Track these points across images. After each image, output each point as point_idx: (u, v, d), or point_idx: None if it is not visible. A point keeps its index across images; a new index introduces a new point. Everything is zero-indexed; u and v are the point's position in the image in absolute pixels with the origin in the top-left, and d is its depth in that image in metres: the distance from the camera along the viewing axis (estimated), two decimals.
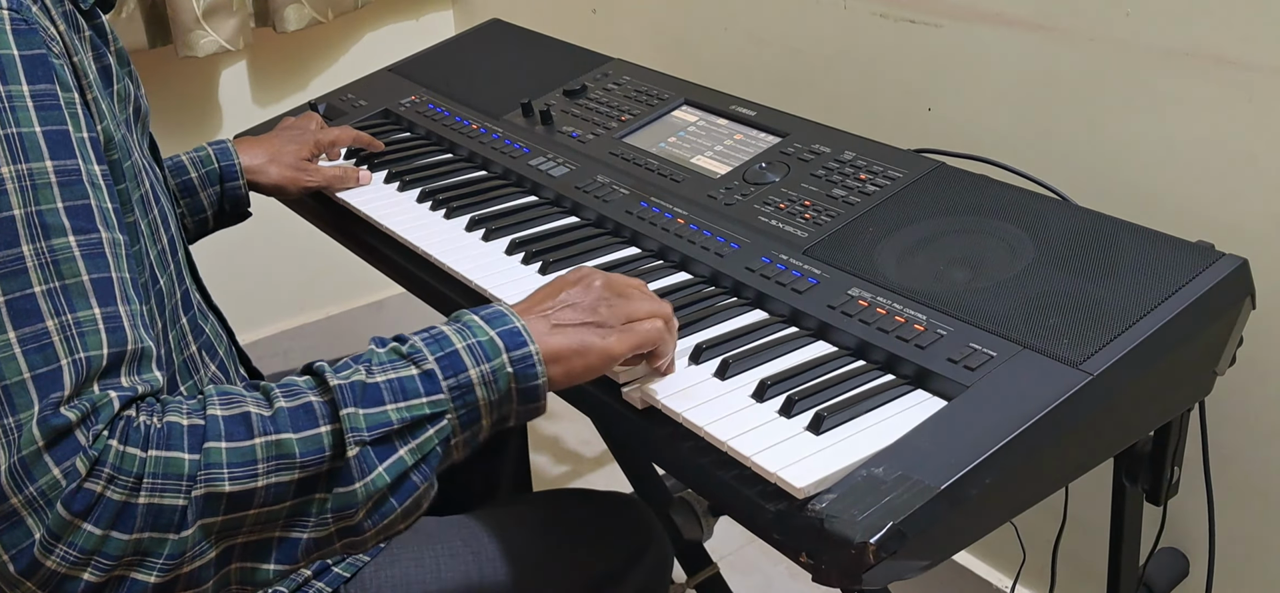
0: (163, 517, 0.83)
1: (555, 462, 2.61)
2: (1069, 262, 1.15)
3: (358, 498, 0.89)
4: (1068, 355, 1.03)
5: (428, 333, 0.97)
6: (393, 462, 0.90)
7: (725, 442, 1.01)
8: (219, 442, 0.85)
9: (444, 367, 0.93)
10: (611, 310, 1.04)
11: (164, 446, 0.84)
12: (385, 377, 0.92)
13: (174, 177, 1.47)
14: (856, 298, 1.18)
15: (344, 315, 2.82)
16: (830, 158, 1.42)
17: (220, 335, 1.24)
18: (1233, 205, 1.42)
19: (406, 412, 0.91)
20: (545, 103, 1.73)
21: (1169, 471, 1.30)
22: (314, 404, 0.90)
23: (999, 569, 1.89)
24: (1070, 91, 1.57)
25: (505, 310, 1.00)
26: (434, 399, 0.92)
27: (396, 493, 0.91)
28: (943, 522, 0.92)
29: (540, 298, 1.05)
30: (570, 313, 1.02)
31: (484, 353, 0.95)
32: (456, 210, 1.50)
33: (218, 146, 1.53)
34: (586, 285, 1.05)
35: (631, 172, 1.52)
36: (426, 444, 0.92)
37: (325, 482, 0.89)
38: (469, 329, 0.97)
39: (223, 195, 1.52)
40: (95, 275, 0.87)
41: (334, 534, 0.90)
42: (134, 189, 1.04)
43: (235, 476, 0.85)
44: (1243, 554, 1.53)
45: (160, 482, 0.83)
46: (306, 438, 0.88)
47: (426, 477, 0.93)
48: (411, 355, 0.94)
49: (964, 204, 1.28)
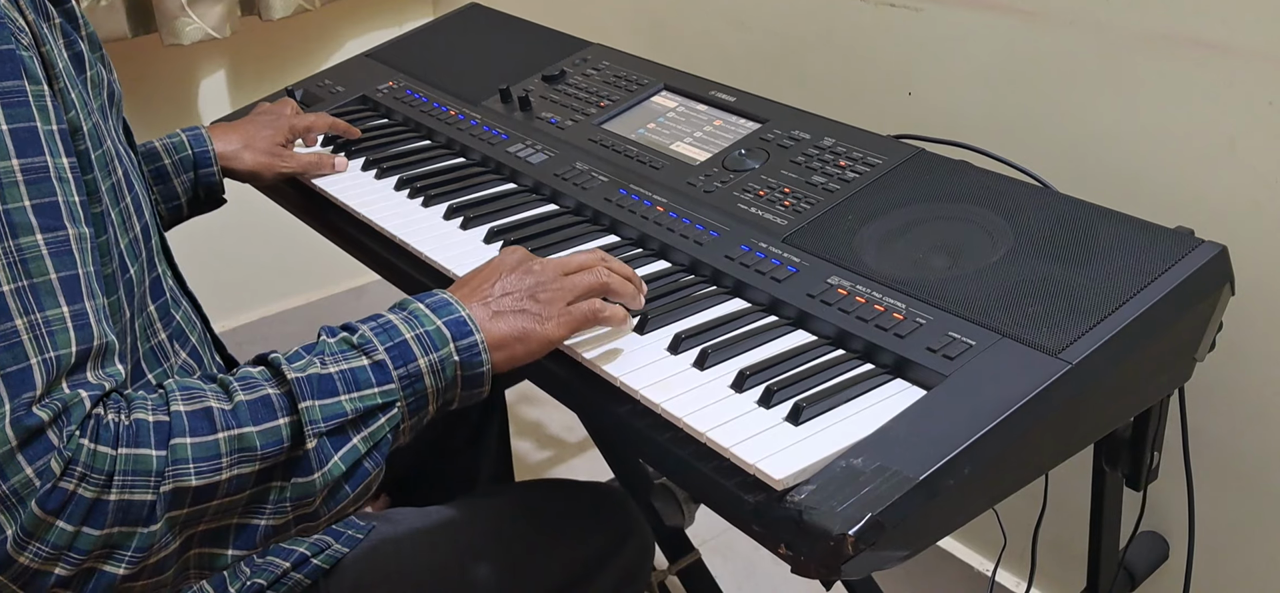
0: (132, 512, 0.85)
1: (538, 448, 2.61)
2: (1048, 249, 1.15)
3: (315, 487, 0.92)
4: (1047, 344, 1.03)
5: (376, 322, 0.99)
6: (347, 450, 0.93)
7: (704, 433, 1.00)
8: (184, 437, 0.87)
9: (394, 357, 0.97)
10: (549, 295, 1.07)
11: (133, 443, 0.85)
12: (338, 368, 0.95)
13: (147, 164, 1.46)
14: (836, 286, 1.17)
15: (326, 301, 2.81)
16: (810, 144, 1.41)
17: (192, 323, 1.23)
18: (1212, 190, 1.41)
19: (360, 402, 0.94)
20: (524, 88, 1.72)
21: (1149, 455, 1.31)
22: (272, 397, 0.92)
23: (980, 554, 1.90)
24: (1050, 76, 1.56)
25: (450, 299, 1.03)
26: (386, 389, 0.96)
27: (350, 480, 0.94)
28: (922, 512, 0.91)
29: (479, 282, 1.08)
30: (510, 300, 1.06)
31: (432, 343, 0.98)
32: (434, 198, 1.48)
33: (191, 132, 1.51)
34: (524, 271, 1.09)
35: (610, 158, 1.51)
36: (378, 432, 0.95)
37: (283, 471, 0.92)
38: (416, 318, 1.00)
39: (196, 182, 1.51)
40: (63, 273, 0.87)
41: (291, 520, 0.94)
42: (105, 178, 1.03)
43: (201, 470, 0.87)
44: (1223, 537, 1.53)
45: (130, 478, 0.84)
46: (266, 430, 0.90)
47: (378, 463, 0.96)
48: (362, 346, 0.97)
49: (943, 191, 1.27)
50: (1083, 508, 1.46)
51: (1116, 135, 1.50)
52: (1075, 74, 1.53)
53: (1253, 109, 1.36)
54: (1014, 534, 1.67)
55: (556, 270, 1.10)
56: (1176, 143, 1.44)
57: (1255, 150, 1.37)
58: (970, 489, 0.95)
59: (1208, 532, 1.51)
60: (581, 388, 1.12)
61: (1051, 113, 1.57)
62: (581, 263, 1.12)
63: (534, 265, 1.10)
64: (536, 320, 1.06)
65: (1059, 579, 1.74)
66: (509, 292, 1.07)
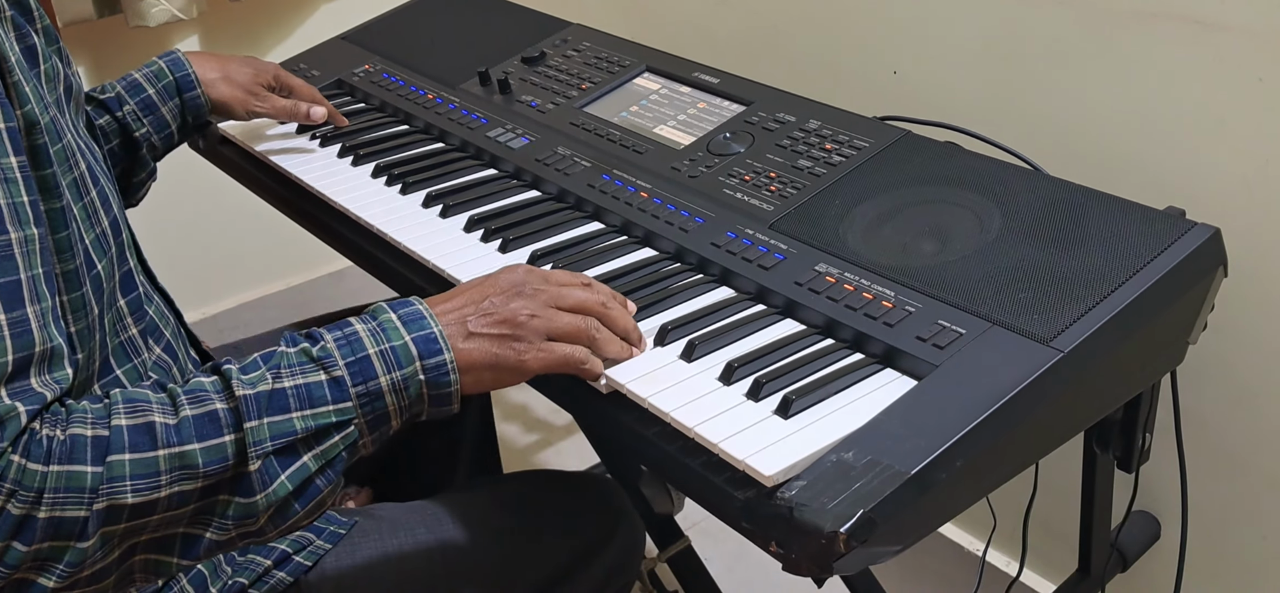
0: (63, 528, 0.83)
1: (525, 431, 2.59)
2: (1038, 233, 1.13)
3: (258, 508, 0.89)
4: (1038, 332, 1.01)
5: (341, 332, 0.96)
6: (296, 469, 0.90)
7: (692, 428, 0.98)
8: (123, 454, 0.85)
9: (354, 373, 0.93)
10: (533, 325, 1.02)
11: (66, 460, 0.83)
12: (293, 382, 0.91)
13: (132, 96, 1.44)
14: (824, 274, 1.15)
15: (306, 285, 2.79)
16: (795, 127, 1.39)
17: (166, 317, 1.21)
18: (1202, 169, 1.40)
19: (312, 420, 0.91)
20: (503, 71, 1.69)
21: (1140, 438, 1.30)
22: (219, 412, 0.89)
23: (970, 535, 1.89)
24: (1037, 54, 1.55)
25: (424, 311, 0.98)
26: (341, 407, 0.92)
27: (300, 498, 0.91)
28: (914, 506, 0.90)
29: (464, 298, 1.03)
30: (488, 322, 1.00)
31: (396, 359, 0.94)
32: (413, 185, 1.46)
33: (169, 58, 1.49)
34: (513, 293, 1.03)
35: (593, 143, 1.49)
36: (331, 450, 0.92)
37: (227, 488, 0.89)
38: (384, 331, 0.96)
39: (184, 107, 1.49)
40: (2, 280, 0.85)
41: (234, 538, 0.91)
42: (65, 173, 1.00)
43: (138, 487, 0.85)
44: (1215, 517, 1.52)
45: (62, 496, 0.82)
46: (210, 448, 0.87)
47: (330, 480, 0.93)
48: (322, 360, 0.93)
49: (931, 174, 1.26)
50: (1074, 489, 1.45)
51: (1105, 114, 1.49)
52: (1063, 52, 1.52)
53: (1242, 86, 1.34)
54: (1005, 516, 1.66)
55: (549, 301, 1.04)
56: (1166, 121, 1.42)
57: (1245, 128, 1.35)
58: (962, 481, 0.94)
59: (1200, 512, 1.50)
60: (566, 382, 1.10)
61: (1038, 92, 1.56)
62: (578, 303, 1.06)
63: (526, 288, 1.04)
64: (511, 350, 1.00)
65: (1051, 560, 1.73)
66: (490, 313, 1.01)
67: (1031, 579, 1.76)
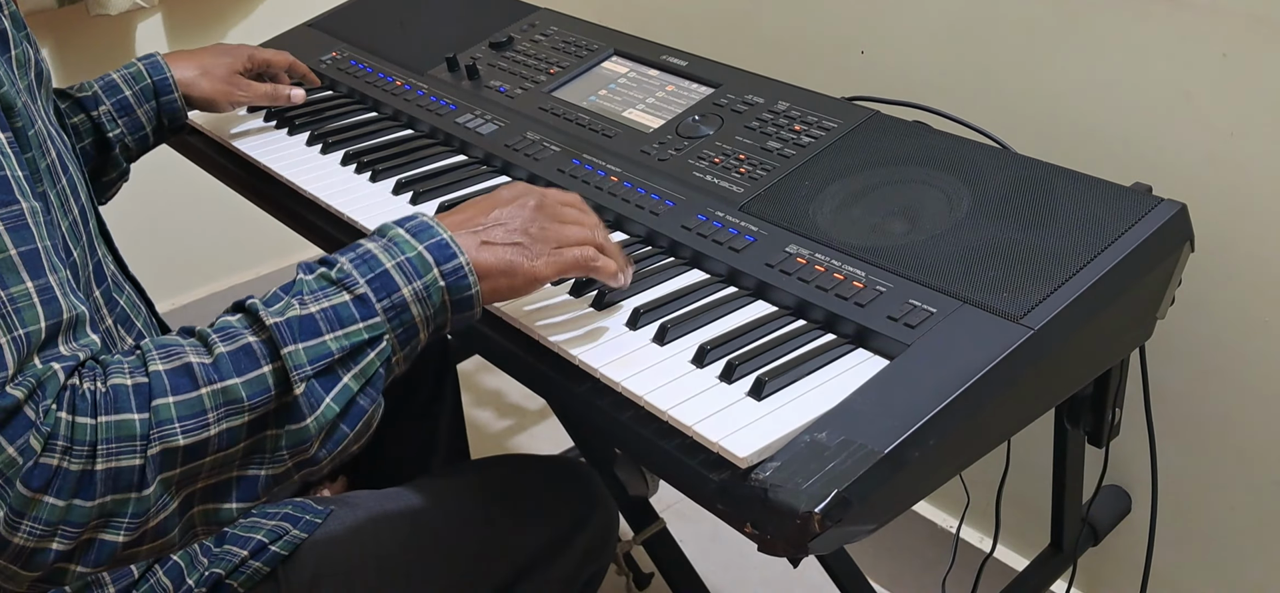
0: (123, 479, 0.83)
1: (498, 416, 2.59)
2: (1007, 211, 1.14)
3: (310, 432, 0.89)
4: (1008, 310, 1.02)
5: (355, 253, 0.95)
6: (339, 391, 0.90)
7: (665, 411, 0.98)
8: (166, 397, 0.84)
9: (376, 289, 0.93)
10: (542, 232, 1.04)
11: (113, 410, 0.83)
12: (319, 307, 0.91)
13: (108, 96, 1.43)
14: (795, 255, 1.16)
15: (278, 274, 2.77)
16: (764, 108, 1.39)
17: (137, 306, 1.20)
18: (1168, 144, 1.41)
19: (345, 340, 0.91)
20: (471, 56, 1.69)
21: (1110, 413, 1.31)
22: (252, 345, 0.89)
23: (944, 512, 1.90)
24: (1002, 32, 1.55)
25: (432, 222, 0.99)
26: (371, 324, 0.92)
27: (347, 419, 0.91)
28: (888, 485, 0.90)
29: (472, 211, 1.04)
30: (500, 232, 1.02)
31: (414, 270, 0.95)
32: (383, 173, 1.45)
33: (148, 61, 1.48)
34: (520, 205, 1.05)
35: (562, 127, 1.48)
36: (369, 368, 0.92)
37: (275, 419, 0.89)
38: (396, 245, 0.96)
39: (160, 110, 1.48)
40: (22, 248, 0.85)
41: (291, 468, 0.91)
42: (41, 158, 1.00)
43: (187, 428, 0.84)
44: (1185, 489, 1.54)
45: (115, 446, 0.82)
46: (251, 380, 0.87)
47: (373, 399, 0.93)
48: (342, 281, 0.93)
49: (900, 154, 1.26)
50: (1046, 465, 1.47)
51: (1071, 90, 1.49)
52: (1029, 30, 1.52)
53: (1207, 61, 1.35)
54: (978, 492, 1.67)
55: (552, 215, 1.06)
56: (1132, 97, 1.43)
57: (1210, 103, 1.36)
58: (935, 459, 0.94)
59: (1170, 484, 1.52)
60: (539, 367, 1.10)
61: (1005, 69, 1.56)
62: (577, 218, 1.08)
63: (531, 200, 1.06)
64: (525, 255, 1.02)
65: (1023, 536, 1.74)
66: (501, 223, 1.03)
67: (1005, 555, 1.77)
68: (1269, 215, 1.35)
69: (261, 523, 1.19)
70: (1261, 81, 1.31)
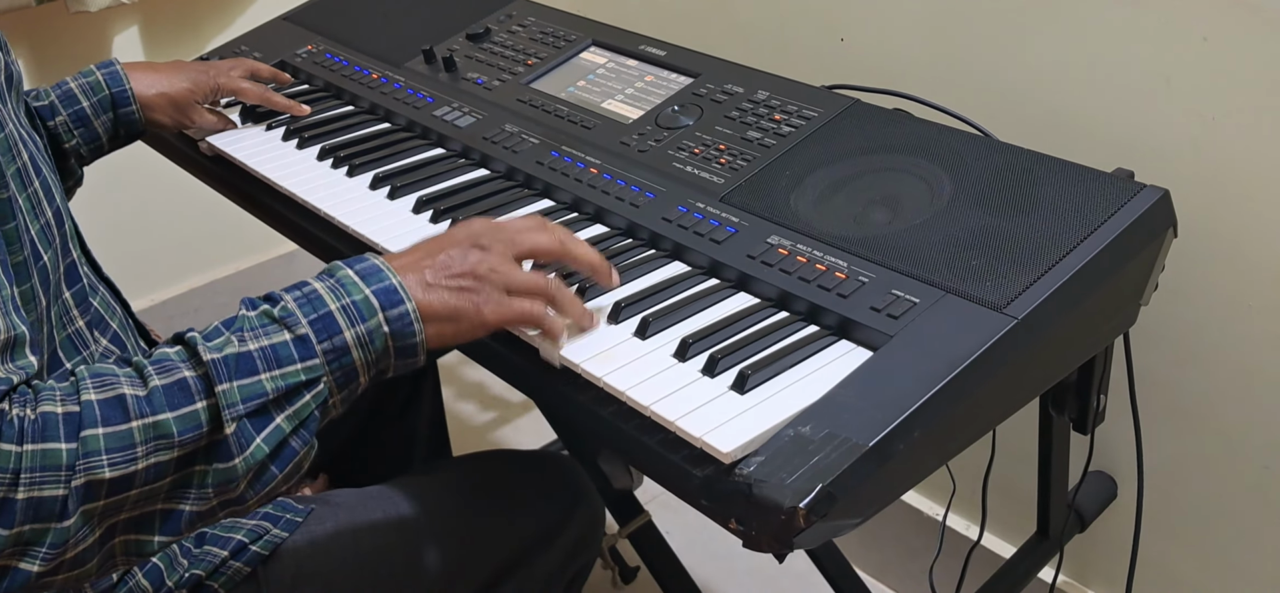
0: (43, 508, 0.81)
1: (481, 409, 2.58)
2: (989, 200, 1.13)
3: (238, 472, 0.88)
4: (991, 299, 1.01)
5: (300, 291, 0.93)
6: (271, 431, 0.89)
7: (648, 406, 0.98)
8: (96, 428, 0.83)
9: (318, 330, 0.91)
10: (492, 273, 1.01)
11: (39, 438, 0.81)
12: (258, 344, 0.89)
13: (66, 107, 1.41)
14: (776, 246, 1.15)
15: (255, 269, 2.75)
16: (744, 98, 1.38)
17: (112, 307, 1.18)
18: (1150, 129, 1.40)
19: (281, 381, 0.89)
20: (448, 48, 1.67)
21: (1095, 399, 1.31)
22: (188, 380, 0.87)
23: (930, 500, 1.90)
24: (982, 16, 1.54)
25: (381, 265, 0.96)
26: (309, 365, 0.90)
27: (277, 461, 0.90)
28: (873, 478, 0.90)
29: (422, 253, 1.01)
30: (445, 274, 0.99)
31: (359, 313, 0.93)
32: (360, 167, 1.44)
33: (107, 71, 1.45)
34: (469, 245, 1.02)
35: (541, 119, 1.47)
36: (304, 410, 0.91)
37: (204, 456, 0.87)
38: (344, 287, 0.94)
39: (117, 122, 1.46)
40: None
41: (216, 506, 0.90)
42: (9, 164, 0.98)
43: (114, 461, 0.83)
44: (1170, 474, 1.54)
45: (38, 475, 0.81)
46: (183, 415, 0.86)
47: (305, 441, 0.91)
48: (284, 319, 0.91)
49: (881, 142, 1.25)
50: (1031, 452, 1.46)
51: (1052, 76, 1.49)
52: (1008, 14, 1.51)
53: (1187, 46, 1.34)
54: (964, 480, 1.66)
55: (506, 251, 1.03)
56: (1113, 82, 1.43)
57: (1191, 87, 1.36)
58: (920, 451, 0.94)
59: (1155, 469, 1.51)
60: (520, 363, 1.09)
61: (985, 55, 1.55)
62: (533, 245, 1.05)
63: (483, 240, 1.02)
64: (471, 301, 0.99)
65: (1010, 523, 1.74)
66: (449, 266, 1.00)
67: (992, 543, 1.77)
68: (1251, 200, 1.34)
69: (241, 523, 1.17)
70: (1242, 66, 1.31)
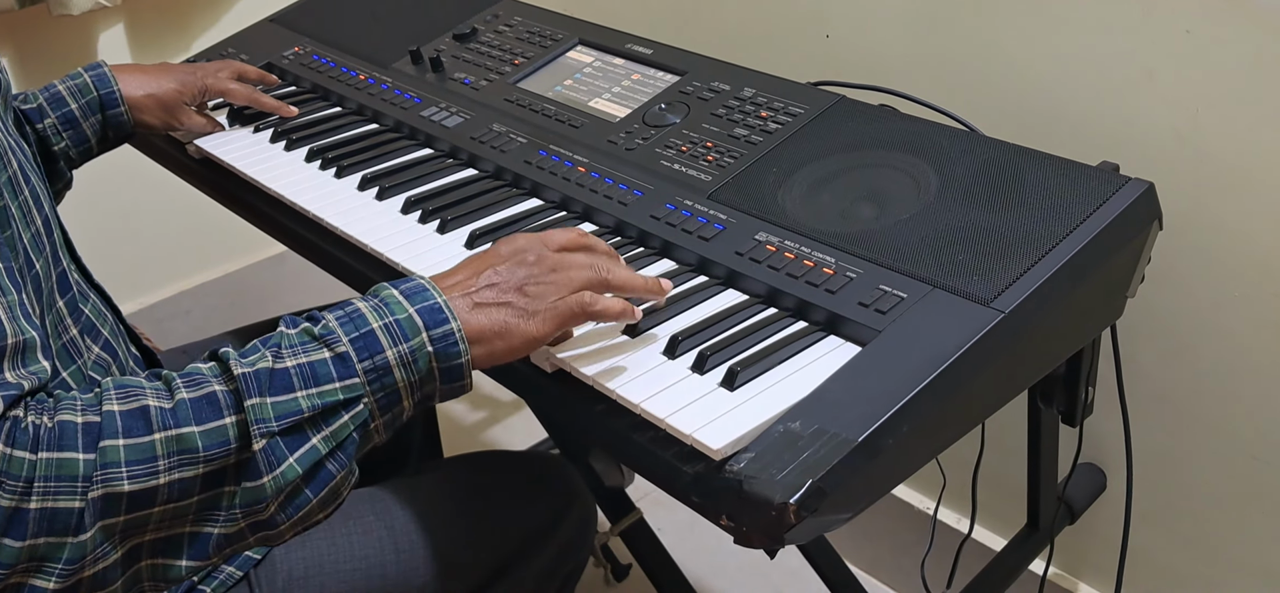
0: (58, 520, 0.78)
1: (471, 409, 2.58)
2: (975, 194, 1.14)
3: (267, 492, 0.84)
4: (978, 293, 1.01)
5: (343, 311, 0.91)
6: (305, 451, 0.85)
7: (637, 404, 0.98)
8: (116, 439, 0.80)
9: (359, 349, 0.88)
10: (539, 289, 0.98)
11: (55, 447, 0.79)
12: (295, 361, 0.87)
13: (53, 109, 1.41)
14: (764, 243, 1.15)
15: (245, 271, 2.74)
16: (730, 96, 1.38)
17: (103, 314, 1.18)
18: (1134, 122, 1.41)
19: (318, 399, 0.86)
20: (435, 48, 1.67)
21: (1083, 392, 1.31)
22: (217, 394, 0.84)
23: (921, 494, 1.90)
24: (966, 11, 1.55)
25: (427, 285, 0.94)
26: (348, 384, 0.87)
27: (311, 484, 0.86)
28: (863, 473, 0.90)
29: (467, 272, 0.99)
30: (493, 292, 0.97)
31: (402, 332, 0.90)
32: (348, 168, 1.44)
33: (94, 73, 1.45)
34: (516, 262, 1.00)
35: (528, 118, 1.47)
36: (341, 431, 0.87)
37: (232, 475, 0.84)
38: (387, 306, 0.91)
39: (106, 123, 1.45)
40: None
41: (245, 529, 0.86)
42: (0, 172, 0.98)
43: (134, 474, 0.80)
44: (1159, 465, 1.54)
45: (53, 485, 0.78)
46: (209, 430, 0.83)
47: (343, 465, 0.88)
48: (324, 337, 0.88)
49: (867, 138, 1.26)
50: (1021, 445, 1.47)
51: (1037, 70, 1.49)
52: (992, 9, 1.52)
53: (1170, 39, 1.35)
54: (954, 473, 1.67)
55: (552, 266, 1.00)
56: (1096, 76, 1.43)
57: (1174, 80, 1.36)
58: (910, 445, 0.94)
59: (1144, 460, 1.52)
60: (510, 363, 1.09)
61: (970, 49, 1.56)
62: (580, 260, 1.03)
63: (529, 255, 1.00)
64: (520, 316, 0.96)
65: (1001, 516, 1.75)
66: (494, 283, 0.97)
67: (982, 535, 1.77)
68: (1235, 191, 1.35)
69: None
70: (1224, 58, 1.31)
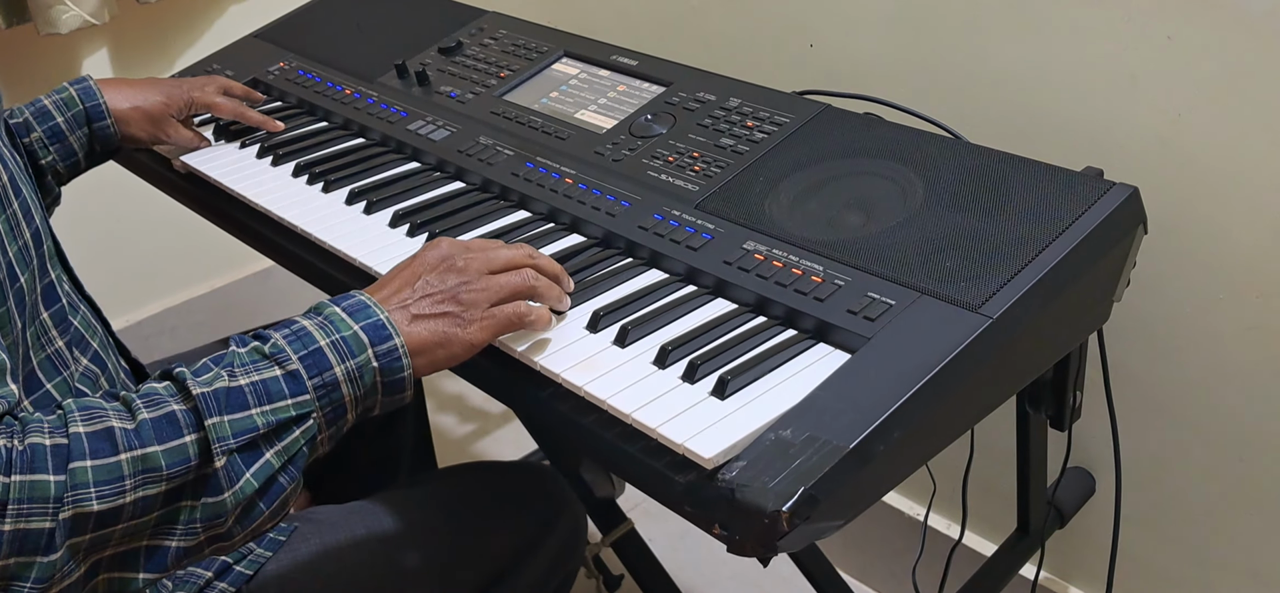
0: (30, 541, 0.81)
1: (461, 421, 2.57)
2: (961, 201, 1.14)
3: (227, 507, 0.88)
4: (966, 299, 1.02)
5: (289, 329, 0.94)
6: (260, 466, 0.89)
7: (629, 413, 0.98)
8: (84, 461, 0.83)
9: (308, 366, 0.92)
10: (472, 295, 1.02)
11: (27, 469, 0.81)
12: (249, 380, 0.90)
13: (40, 123, 1.41)
14: (752, 252, 1.15)
15: (231, 287, 2.74)
16: (716, 106, 1.39)
17: (93, 326, 1.18)
18: (1117, 127, 1.42)
19: (272, 415, 0.90)
20: (420, 62, 1.68)
21: (1071, 396, 1.32)
22: (177, 413, 0.87)
23: (911, 500, 1.91)
24: (949, 18, 1.55)
25: (367, 301, 0.97)
26: (299, 400, 0.91)
27: (264, 497, 0.90)
28: (854, 480, 0.90)
29: (399, 283, 1.02)
30: (429, 302, 1.00)
31: (348, 349, 0.93)
32: (335, 183, 1.44)
33: (80, 86, 1.45)
34: (446, 269, 1.03)
35: (515, 131, 1.47)
36: (293, 446, 0.91)
37: (192, 490, 0.87)
38: (332, 324, 0.95)
39: (92, 136, 1.46)
40: None
41: (203, 542, 0.89)
42: None
43: (103, 494, 0.83)
44: (1148, 468, 1.55)
45: (26, 507, 0.80)
46: (172, 449, 0.86)
47: (294, 477, 0.92)
48: (274, 355, 0.92)
49: (853, 147, 1.26)
50: (1010, 451, 1.47)
51: (1020, 77, 1.50)
52: (976, 16, 1.52)
53: (1152, 44, 1.36)
54: (944, 479, 1.67)
55: (481, 268, 1.04)
56: (1080, 82, 1.44)
57: (1156, 85, 1.37)
58: (901, 452, 0.95)
59: (1133, 464, 1.53)
60: (500, 374, 1.09)
61: (954, 57, 1.57)
62: (507, 260, 1.06)
63: (457, 261, 1.04)
64: (458, 324, 1.00)
65: (991, 521, 1.75)
66: (429, 293, 1.01)
67: (973, 541, 1.78)
68: (1218, 194, 1.36)
69: None
70: (1206, 62, 1.32)
